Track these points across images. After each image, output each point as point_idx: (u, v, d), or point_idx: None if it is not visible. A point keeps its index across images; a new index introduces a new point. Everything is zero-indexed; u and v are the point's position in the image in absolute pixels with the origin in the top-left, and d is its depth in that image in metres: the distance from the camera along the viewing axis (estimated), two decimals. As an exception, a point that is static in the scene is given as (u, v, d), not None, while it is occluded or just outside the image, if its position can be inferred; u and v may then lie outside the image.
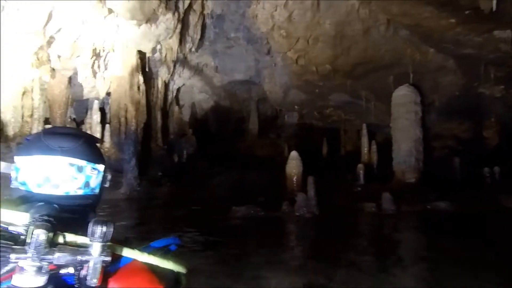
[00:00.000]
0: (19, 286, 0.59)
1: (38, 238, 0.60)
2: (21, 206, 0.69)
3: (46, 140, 0.77)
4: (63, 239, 0.65)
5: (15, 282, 0.60)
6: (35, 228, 0.62)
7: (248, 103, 16.31)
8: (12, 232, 0.66)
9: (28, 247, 0.60)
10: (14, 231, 0.66)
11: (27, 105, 11.44)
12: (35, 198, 0.73)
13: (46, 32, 8.16)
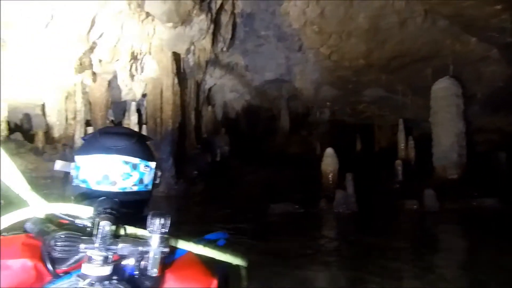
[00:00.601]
0: (89, 274, 0.62)
1: (104, 229, 0.62)
2: (85, 201, 0.73)
3: (102, 139, 0.81)
4: (125, 231, 0.68)
5: (85, 271, 0.62)
6: (101, 220, 0.64)
7: (279, 101, 16.26)
8: (78, 225, 0.69)
9: (95, 238, 0.63)
10: (80, 223, 0.69)
11: (70, 108, 12.04)
12: (95, 195, 0.76)
13: (90, 38, 8.52)
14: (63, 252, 0.62)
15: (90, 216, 0.69)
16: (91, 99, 11.10)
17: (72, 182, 0.83)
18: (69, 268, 0.67)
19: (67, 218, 0.70)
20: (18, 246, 0.67)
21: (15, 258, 0.65)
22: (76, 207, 0.69)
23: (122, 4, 8.32)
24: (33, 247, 0.68)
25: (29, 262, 0.65)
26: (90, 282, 0.62)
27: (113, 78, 11.81)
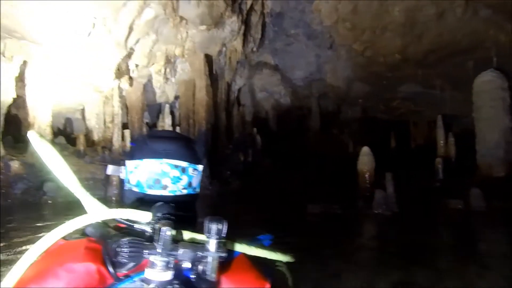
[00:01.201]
0: (152, 279, 0.62)
1: (165, 235, 0.63)
2: (141, 206, 0.72)
3: (151, 144, 0.81)
4: (182, 236, 0.69)
5: (148, 275, 0.62)
6: (161, 225, 0.64)
7: (309, 99, 16.09)
8: (137, 230, 0.70)
9: (156, 243, 0.63)
10: (138, 228, 0.69)
11: (108, 112, 12.49)
12: (148, 199, 0.77)
13: (127, 44, 8.78)
14: (128, 257, 0.63)
15: (148, 221, 0.69)
16: (127, 103, 11.46)
17: (124, 186, 0.84)
18: (129, 271, 0.68)
19: (126, 223, 0.71)
20: (82, 250, 0.69)
21: (80, 262, 0.67)
22: (135, 212, 0.69)
23: (158, 9, 8.51)
24: (95, 251, 0.69)
25: (93, 266, 0.66)
26: (154, 287, 0.62)
27: (147, 81, 12.17)
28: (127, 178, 0.82)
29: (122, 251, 0.63)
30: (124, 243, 0.63)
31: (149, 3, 8.39)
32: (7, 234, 6.44)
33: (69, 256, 0.67)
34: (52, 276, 0.65)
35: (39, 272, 0.66)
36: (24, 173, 9.30)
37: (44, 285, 0.64)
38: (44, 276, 0.65)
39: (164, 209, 0.71)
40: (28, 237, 6.01)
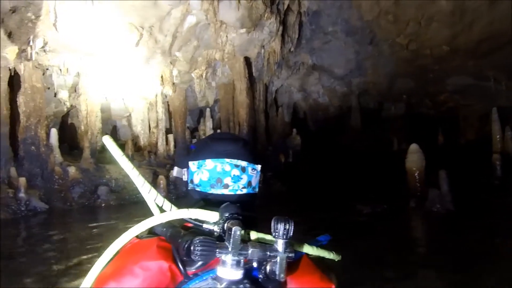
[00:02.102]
0: (224, 278, 0.64)
1: (236, 235, 0.63)
2: (205, 206, 0.75)
3: (212, 145, 0.85)
4: (250, 236, 0.70)
5: (220, 274, 0.64)
6: (232, 225, 0.66)
7: (348, 97, 15.73)
8: (205, 229, 0.71)
9: (227, 242, 0.64)
10: (206, 228, 0.71)
11: (153, 117, 12.97)
12: (211, 198, 0.80)
13: (172, 51, 9.07)
14: (200, 256, 0.64)
15: (216, 221, 0.71)
16: (171, 108, 11.82)
17: (188, 187, 0.87)
18: (198, 270, 0.70)
19: (193, 222, 0.73)
20: (154, 248, 0.71)
21: (153, 260, 0.69)
22: (203, 212, 0.71)
23: (199, 15, 8.71)
24: (166, 250, 0.71)
25: (165, 264, 0.69)
26: (226, 285, 0.64)
27: (187, 86, 12.50)
28: (191, 178, 0.85)
29: (195, 249, 0.64)
30: (198, 242, 0.64)
31: (191, 10, 8.60)
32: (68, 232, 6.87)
33: (143, 254, 0.70)
34: (129, 273, 0.67)
35: (116, 269, 0.69)
36: (80, 178, 9.87)
37: (122, 282, 0.67)
38: (122, 274, 0.68)
39: (231, 209, 0.72)
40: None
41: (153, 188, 0.78)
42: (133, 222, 2.86)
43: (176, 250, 0.71)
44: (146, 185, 0.78)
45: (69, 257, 5.30)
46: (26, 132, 8.98)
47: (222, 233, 0.69)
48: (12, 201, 8.09)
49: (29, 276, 4.54)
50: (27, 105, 8.94)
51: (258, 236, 0.71)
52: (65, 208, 9.24)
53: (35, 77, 8.89)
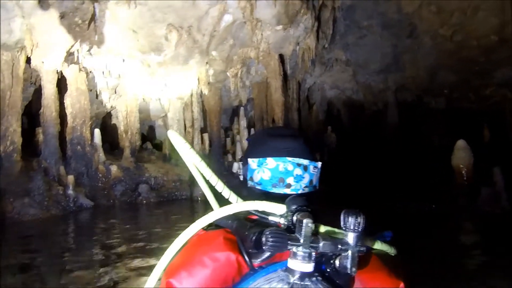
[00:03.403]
0: (295, 270, 0.63)
1: (307, 227, 0.62)
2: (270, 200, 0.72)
3: (272, 142, 0.82)
4: (319, 228, 0.69)
5: (291, 266, 0.64)
6: (302, 217, 0.64)
7: (385, 93, 15.24)
8: (270, 222, 0.70)
9: (298, 234, 0.63)
10: (272, 220, 0.70)
11: (188, 117, 13.18)
12: (272, 197, 0.76)
13: (209, 51, 9.15)
14: (273, 247, 0.63)
15: (283, 213, 0.70)
16: (206, 107, 11.95)
17: (247, 184, 0.85)
18: (263, 262, 0.70)
19: (259, 214, 0.72)
20: (221, 240, 0.71)
21: (221, 251, 0.69)
22: (271, 204, 0.70)
23: (236, 14, 8.72)
24: (232, 241, 0.71)
25: (233, 255, 0.69)
26: (298, 277, 0.64)
27: (222, 85, 12.58)
28: (250, 175, 0.83)
29: (267, 241, 0.63)
30: (269, 234, 0.63)
31: (228, 9, 8.63)
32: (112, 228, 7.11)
33: (211, 245, 0.71)
34: (199, 263, 0.68)
35: (186, 260, 0.70)
36: (121, 176, 10.20)
37: (193, 272, 0.68)
38: (192, 264, 0.69)
39: (299, 202, 0.71)
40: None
41: (220, 181, 0.77)
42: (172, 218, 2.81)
43: (241, 242, 0.71)
44: (214, 177, 0.77)
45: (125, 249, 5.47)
46: (72, 132, 9.38)
47: (291, 226, 0.67)
48: (62, 198, 8.47)
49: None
50: (73, 106, 9.34)
51: (328, 229, 0.70)
52: (109, 205, 9.58)
53: (80, 80, 9.27)
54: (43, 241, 6.51)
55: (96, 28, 7.69)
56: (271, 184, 0.81)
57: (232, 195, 0.76)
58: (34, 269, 4.84)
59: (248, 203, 0.72)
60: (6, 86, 7.86)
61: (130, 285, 4.01)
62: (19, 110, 8.11)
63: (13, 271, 4.63)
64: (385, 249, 0.79)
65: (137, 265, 4.66)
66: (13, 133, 7.89)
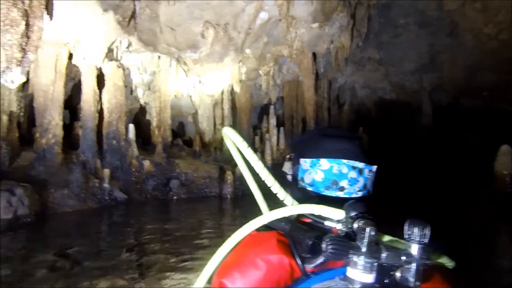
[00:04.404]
0: (355, 279, 0.61)
1: (370, 235, 0.60)
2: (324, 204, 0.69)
3: (326, 143, 0.80)
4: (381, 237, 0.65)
5: (351, 275, 0.61)
6: (365, 225, 0.61)
7: (419, 94, 14.75)
8: (325, 227, 0.68)
9: (359, 243, 0.61)
10: (328, 225, 0.68)
11: (218, 114, 13.27)
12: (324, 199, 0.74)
13: (244, 48, 9.13)
14: (333, 255, 0.61)
15: (341, 219, 0.67)
16: (237, 105, 11.97)
17: (298, 185, 0.82)
18: (316, 268, 0.68)
19: (314, 218, 0.70)
20: (274, 242, 0.70)
21: (275, 254, 0.68)
22: (328, 209, 0.68)
23: (272, 11, 8.65)
24: (285, 245, 0.70)
25: (286, 259, 0.68)
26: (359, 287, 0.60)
27: (253, 83, 12.56)
28: (301, 176, 0.81)
29: (327, 247, 0.61)
30: (330, 240, 0.61)
31: (264, 6, 8.57)
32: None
33: (264, 247, 0.69)
34: (252, 265, 0.67)
35: (239, 260, 0.69)
36: (153, 171, 10.37)
37: (246, 273, 0.67)
38: (245, 265, 0.68)
39: (359, 208, 0.68)
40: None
41: (276, 182, 0.76)
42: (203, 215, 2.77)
43: (294, 245, 0.69)
44: (270, 178, 0.75)
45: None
46: (109, 127, 9.63)
47: (351, 233, 0.65)
48: (98, 191, 8.72)
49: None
50: (110, 102, 9.58)
51: (390, 239, 0.67)
52: (141, 199, 9.77)
53: (118, 76, 9.48)
54: (85, 231, 6.71)
55: (135, 25, 7.82)
56: (324, 186, 0.78)
57: (287, 197, 0.75)
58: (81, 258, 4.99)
59: (305, 206, 0.70)
60: (49, 81, 8.15)
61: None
62: (61, 104, 8.38)
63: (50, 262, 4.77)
64: (443, 261, 0.74)
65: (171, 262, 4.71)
66: (55, 127, 8.18)
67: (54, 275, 4.26)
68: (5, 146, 7.54)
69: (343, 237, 0.64)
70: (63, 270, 4.42)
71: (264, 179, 0.76)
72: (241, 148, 0.76)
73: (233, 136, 0.77)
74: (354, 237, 0.63)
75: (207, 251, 5.39)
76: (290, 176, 0.88)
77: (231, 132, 0.78)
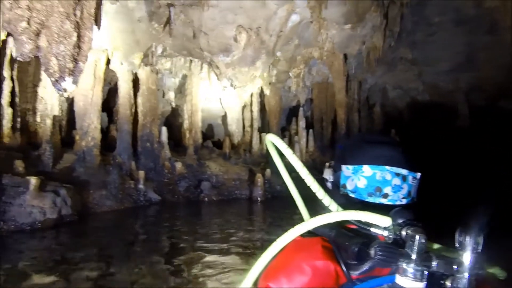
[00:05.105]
0: (404, 287, 0.60)
1: (421, 243, 0.60)
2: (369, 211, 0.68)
3: (368, 149, 0.78)
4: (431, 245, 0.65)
5: (400, 283, 0.60)
6: (414, 232, 0.61)
7: (454, 94, 14.20)
8: (372, 234, 0.67)
9: (409, 250, 0.60)
10: (374, 232, 0.67)
11: (247, 117, 13.35)
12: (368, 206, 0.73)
13: (275, 51, 9.14)
14: (382, 262, 0.61)
15: (387, 226, 0.66)
16: (267, 108, 11.99)
17: (339, 191, 0.81)
18: (361, 275, 0.67)
19: (360, 225, 0.69)
20: (320, 248, 0.70)
21: (321, 260, 0.68)
22: (375, 216, 0.67)
23: (304, 13, 8.61)
24: (330, 251, 0.69)
25: (332, 265, 0.68)
26: None
27: (282, 86, 12.54)
28: (343, 183, 0.80)
29: (376, 254, 0.61)
30: (379, 247, 0.61)
31: (295, 9, 8.55)
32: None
33: (310, 253, 0.69)
34: (298, 270, 0.67)
35: (286, 265, 0.69)
36: (185, 173, 10.57)
37: (292, 278, 0.67)
38: (292, 269, 0.68)
39: (406, 215, 0.67)
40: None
41: (322, 189, 0.76)
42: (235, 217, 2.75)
43: (339, 251, 0.69)
44: (315, 184, 0.75)
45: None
46: (143, 130, 9.91)
47: (399, 240, 0.64)
48: (133, 191, 8.99)
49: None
50: (144, 105, 9.86)
51: (439, 246, 0.67)
52: (174, 200, 9.98)
53: (152, 80, 9.76)
54: (123, 231, 6.95)
55: (170, 31, 8.01)
56: (367, 193, 0.77)
57: (332, 203, 0.75)
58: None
59: (351, 213, 0.69)
60: (89, 86, 8.49)
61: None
62: (99, 108, 8.71)
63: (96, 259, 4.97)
64: (495, 272, 0.71)
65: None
66: (94, 130, 8.51)
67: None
68: (49, 149, 7.92)
69: (391, 244, 0.64)
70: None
71: (310, 185, 0.76)
72: (287, 155, 0.76)
73: (278, 142, 0.78)
74: (403, 244, 0.63)
75: (240, 253, 5.44)
76: (329, 183, 0.88)
77: (276, 138, 0.78)
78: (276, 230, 7.11)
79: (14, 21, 3.51)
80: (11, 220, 5.83)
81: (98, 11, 4.78)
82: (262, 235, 6.97)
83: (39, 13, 3.66)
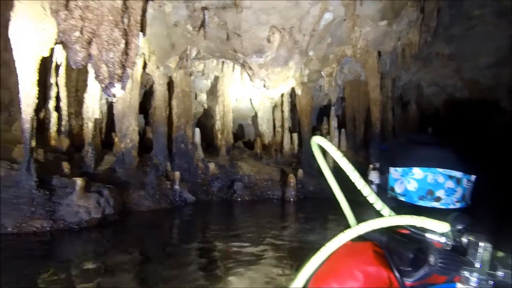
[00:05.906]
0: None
1: (486, 251, 0.57)
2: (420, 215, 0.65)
3: (418, 150, 0.75)
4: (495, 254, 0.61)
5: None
6: (477, 239, 0.58)
7: (495, 90, 13.48)
8: (427, 239, 0.64)
9: (472, 258, 0.58)
10: (429, 238, 0.64)
11: (278, 117, 13.33)
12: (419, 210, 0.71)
13: (307, 51, 9.05)
14: (443, 270, 0.58)
15: (445, 232, 0.63)
16: (298, 107, 11.90)
17: (387, 194, 0.78)
18: (416, 282, 0.65)
19: (413, 230, 0.66)
20: (371, 253, 0.68)
21: (373, 266, 0.66)
22: (432, 221, 0.64)
23: (337, 12, 8.48)
24: (382, 256, 0.67)
25: (384, 271, 0.65)
26: None
27: (313, 85, 12.40)
28: (391, 185, 0.77)
29: (437, 262, 0.58)
30: (439, 255, 0.59)
31: (329, 7, 8.42)
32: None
33: (361, 258, 0.67)
34: (350, 276, 0.65)
35: (337, 270, 0.67)
36: (218, 174, 10.71)
37: (343, 282, 0.65)
38: (343, 275, 0.66)
39: (466, 221, 0.64)
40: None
41: (373, 193, 0.72)
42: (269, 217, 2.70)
43: (391, 257, 0.67)
44: (367, 188, 0.72)
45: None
46: (177, 131, 10.13)
47: (459, 247, 0.61)
48: (169, 192, 9.21)
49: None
50: (178, 107, 10.08)
51: (503, 255, 0.61)
52: (207, 200, 10.14)
53: (186, 82, 9.95)
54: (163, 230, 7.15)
55: (204, 34, 8.13)
56: (418, 196, 0.74)
57: (385, 208, 0.71)
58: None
59: (405, 218, 0.66)
60: (127, 89, 8.76)
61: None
62: (136, 111, 8.99)
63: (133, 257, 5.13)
64: None
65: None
66: (132, 132, 8.79)
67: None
68: (91, 151, 8.27)
69: (451, 251, 0.61)
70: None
71: (361, 189, 0.73)
72: (336, 158, 0.72)
73: (326, 145, 0.74)
74: (463, 252, 0.60)
75: (275, 255, 5.43)
76: (374, 186, 0.83)
77: (323, 141, 0.75)
78: (311, 231, 7.06)
79: (68, 31, 3.71)
80: (60, 219, 6.13)
81: (143, 18, 4.94)
82: (295, 235, 6.95)
83: (90, 22, 3.84)
